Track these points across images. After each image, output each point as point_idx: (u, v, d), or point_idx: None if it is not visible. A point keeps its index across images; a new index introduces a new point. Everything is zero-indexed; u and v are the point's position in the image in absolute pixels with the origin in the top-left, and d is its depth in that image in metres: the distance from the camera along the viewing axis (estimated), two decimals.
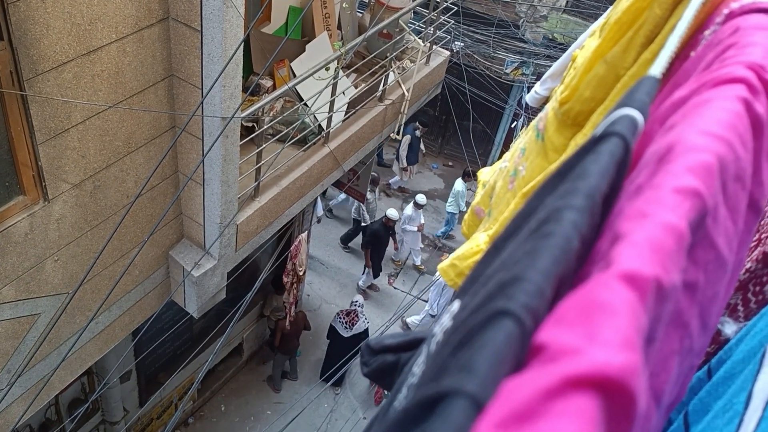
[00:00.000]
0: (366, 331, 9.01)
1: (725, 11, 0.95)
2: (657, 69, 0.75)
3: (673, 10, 1.09)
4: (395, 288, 11.44)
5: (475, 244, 1.66)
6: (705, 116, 0.68)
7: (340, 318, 8.93)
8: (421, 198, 10.43)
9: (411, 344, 1.11)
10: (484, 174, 2.20)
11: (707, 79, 0.75)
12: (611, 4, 1.35)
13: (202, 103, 3.63)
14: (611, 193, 0.62)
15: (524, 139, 1.70)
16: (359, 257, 11.17)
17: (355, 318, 8.83)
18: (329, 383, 9.31)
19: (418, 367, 0.68)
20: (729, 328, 1.31)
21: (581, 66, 1.30)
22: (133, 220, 4.31)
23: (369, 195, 10.27)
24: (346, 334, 8.83)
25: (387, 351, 1.14)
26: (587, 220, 0.57)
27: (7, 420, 4.21)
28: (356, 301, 9.11)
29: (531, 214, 0.62)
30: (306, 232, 7.87)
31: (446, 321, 0.64)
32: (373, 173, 10.29)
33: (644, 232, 0.54)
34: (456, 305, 0.65)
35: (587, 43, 1.63)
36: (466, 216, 2.14)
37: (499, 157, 11.26)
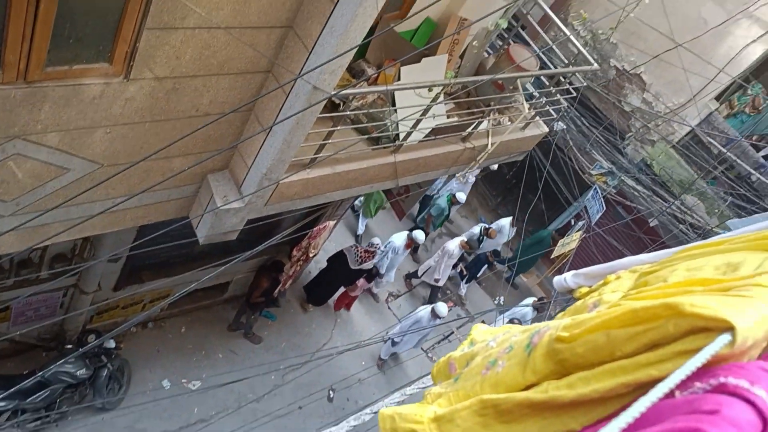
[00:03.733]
0: (369, 270, 9.77)
1: (722, 379, 0.93)
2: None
3: (685, 336, 1.07)
4: (389, 308, 11.46)
5: (420, 414, 1.66)
6: None
7: (357, 252, 9.44)
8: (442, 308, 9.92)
9: None
10: (478, 332, 2.19)
11: None
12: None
13: (302, 67, 3.70)
14: None
15: (518, 338, 1.68)
16: None
17: (370, 257, 9.49)
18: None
19: None
20: None
21: (590, 321, 1.29)
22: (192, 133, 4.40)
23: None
24: (353, 266, 9.43)
25: None
26: None
27: None
28: (376, 244, 9.82)
29: None
30: (335, 221, 7.92)
31: None
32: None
33: None
34: None
35: (622, 278, 1.61)
36: (440, 360, 2.14)
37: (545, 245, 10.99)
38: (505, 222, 11.58)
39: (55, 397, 7.26)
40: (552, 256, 9.11)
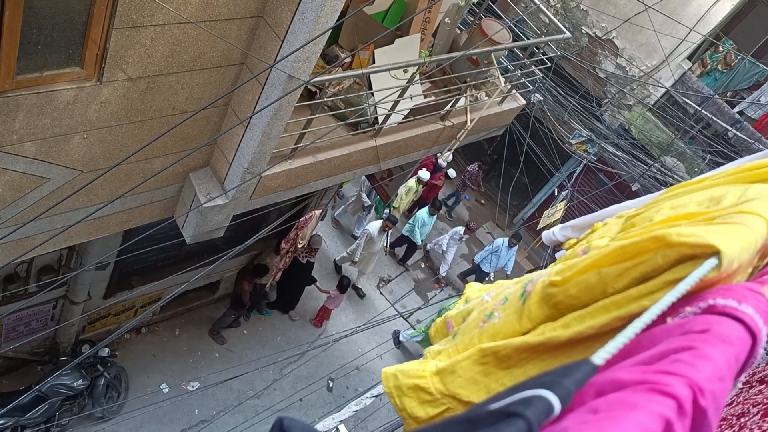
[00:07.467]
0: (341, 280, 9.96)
1: (710, 301, 0.96)
2: (600, 357, 0.77)
3: (674, 266, 1.11)
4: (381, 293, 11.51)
5: (422, 369, 1.71)
6: (620, 425, 0.68)
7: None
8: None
9: None
10: (471, 290, 2.24)
11: (648, 378, 0.76)
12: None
13: (276, 56, 3.68)
14: None
15: (512, 289, 1.73)
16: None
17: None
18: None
19: None
20: None
21: (581, 262, 1.32)
22: (169, 131, 4.37)
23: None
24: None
25: None
26: None
27: None
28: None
29: None
30: (321, 210, 7.92)
31: None
32: None
33: None
34: None
35: (609, 224, 1.65)
36: (438, 320, 2.19)
37: (530, 217, 11.21)
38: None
39: (54, 410, 7.22)
40: (538, 228, 9.20)
